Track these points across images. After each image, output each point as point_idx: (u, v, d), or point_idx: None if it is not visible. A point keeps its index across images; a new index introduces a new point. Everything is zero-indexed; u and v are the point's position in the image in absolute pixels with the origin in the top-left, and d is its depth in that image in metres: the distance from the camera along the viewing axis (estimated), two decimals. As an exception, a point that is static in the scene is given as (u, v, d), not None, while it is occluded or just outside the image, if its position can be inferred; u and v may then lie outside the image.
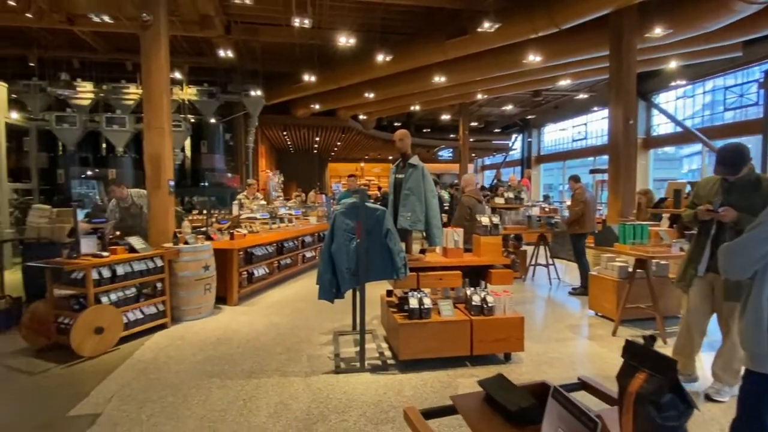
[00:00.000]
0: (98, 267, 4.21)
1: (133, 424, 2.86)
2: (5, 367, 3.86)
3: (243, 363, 3.90)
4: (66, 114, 10.61)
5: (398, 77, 11.25)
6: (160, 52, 5.40)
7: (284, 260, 7.45)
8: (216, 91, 11.64)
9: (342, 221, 3.68)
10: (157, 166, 5.42)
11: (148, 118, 5.42)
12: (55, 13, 8.48)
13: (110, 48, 10.99)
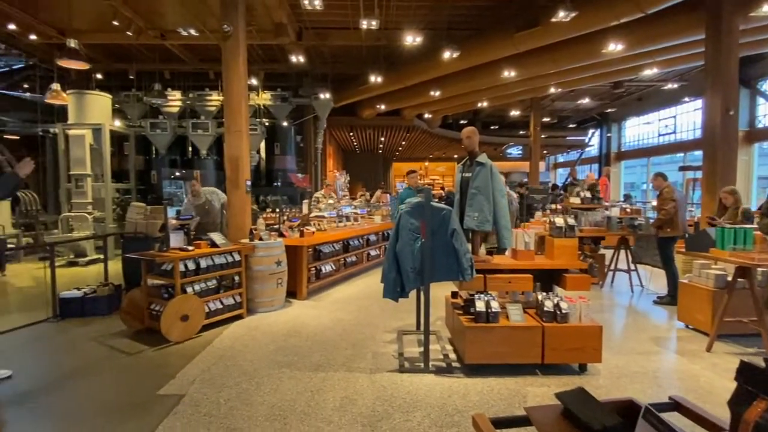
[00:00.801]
0: (185, 260, 4.60)
1: (213, 407, 3.08)
2: (108, 346, 4.35)
3: (311, 356, 4.04)
4: (158, 121, 11.75)
5: (465, 73, 11.02)
6: (238, 60, 5.77)
7: (350, 258, 7.62)
8: (288, 95, 12.21)
9: (407, 220, 3.67)
10: (236, 167, 5.81)
11: (228, 122, 5.82)
12: (150, 30, 9.43)
13: (196, 59, 11.99)
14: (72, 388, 3.45)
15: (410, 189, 6.34)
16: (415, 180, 6.58)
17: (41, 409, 3.11)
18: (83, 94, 10.07)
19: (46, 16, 9.06)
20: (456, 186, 4.07)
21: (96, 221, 9.57)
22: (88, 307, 5.35)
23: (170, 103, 11.90)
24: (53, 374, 3.76)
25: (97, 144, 9.89)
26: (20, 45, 10.75)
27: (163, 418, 2.92)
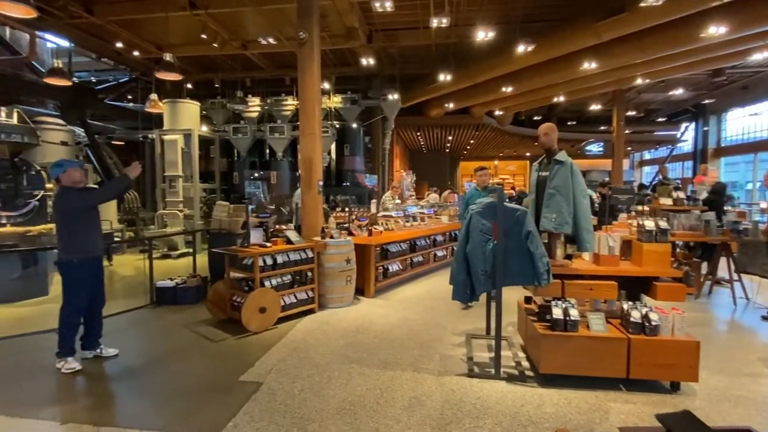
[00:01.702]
0: (263, 255, 4.89)
1: (288, 396, 3.24)
2: (196, 333, 4.75)
3: (379, 353, 4.09)
4: (240, 125, 12.62)
5: (540, 67, 10.49)
6: (313, 65, 6.00)
7: (416, 258, 7.61)
8: (358, 97, 12.49)
9: (478, 221, 3.57)
10: (309, 168, 6.06)
11: (302, 125, 6.08)
12: (234, 41, 10.15)
13: (273, 66, 12.70)
14: (166, 369, 3.82)
15: (478, 189, 5.89)
16: (484, 178, 5.96)
17: (142, 385, 3.48)
18: (176, 103, 11.10)
19: (146, 34, 10.14)
20: (531, 185, 3.88)
21: (186, 218, 10.52)
22: (179, 296, 5.89)
23: (250, 109, 12.73)
24: (151, 355, 4.19)
25: (187, 148, 10.85)
26: (125, 61, 12.14)
27: (243, 403, 3.12)
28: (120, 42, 10.34)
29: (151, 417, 2.96)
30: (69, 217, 3.81)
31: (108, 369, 3.83)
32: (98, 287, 4.01)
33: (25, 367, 3.82)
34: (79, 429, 2.82)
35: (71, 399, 3.29)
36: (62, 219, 3.83)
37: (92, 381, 3.61)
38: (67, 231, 3.81)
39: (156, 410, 3.06)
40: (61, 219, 3.83)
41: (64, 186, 3.85)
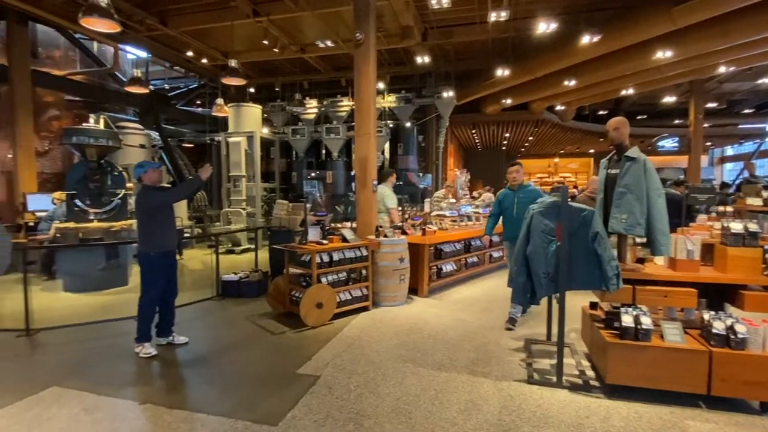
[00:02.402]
0: (320, 252, 5.02)
1: (344, 391, 3.29)
2: (257, 325, 4.98)
3: (433, 354, 4.05)
4: (298, 127, 13.07)
5: (606, 59, 9.87)
6: (369, 66, 6.06)
7: (471, 258, 7.45)
8: (412, 96, 12.47)
9: (539, 221, 3.42)
10: (364, 168, 6.13)
11: (358, 125, 6.17)
12: (293, 45, 10.52)
13: (330, 68, 13.02)
14: (231, 358, 4.03)
15: (511, 189, 5.02)
16: (516, 176, 4.95)
17: (209, 372, 3.70)
18: (240, 107, 11.71)
19: (213, 42, 10.78)
20: (599, 184, 3.65)
21: (248, 216, 11.07)
22: (242, 290, 6.21)
23: (308, 111, 13.14)
24: (217, 344, 4.44)
25: (250, 149, 11.41)
26: (195, 68, 12.99)
27: (301, 395, 3.22)
28: (190, 51, 11.08)
29: (217, 403, 3.14)
30: (149, 213, 4.14)
31: (179, 356, 4.12)
32: (171, 279, 4.32)
33: (108, 350, 4.20)
34: (155, 410, 3.05)
35: (147, 382, 3.57)
36: (143, 215, 4.18)
37: (165, 366, 3.89)
38: (147, 226, 4.15)
39: (221, 397, 3.24)
40: (143, 215, 4.18)
41: (146, 185, 4.19)
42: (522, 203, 4.71)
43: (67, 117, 11.36)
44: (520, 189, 4.99)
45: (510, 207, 4.98)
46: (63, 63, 11.38)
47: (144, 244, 4.14)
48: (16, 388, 3.32)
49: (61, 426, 2.83)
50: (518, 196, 4.94)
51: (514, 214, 4.89)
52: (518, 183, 5.00)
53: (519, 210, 4.75)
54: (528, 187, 5.04)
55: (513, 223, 4.81)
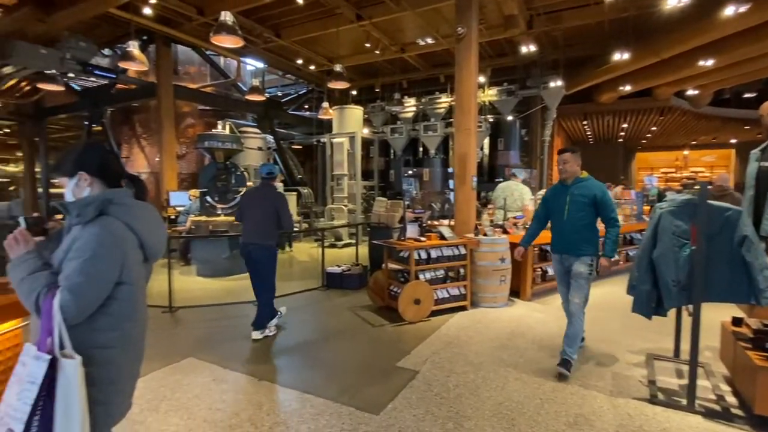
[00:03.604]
0: (418, 249, 5.05)
1: (443, 389, 3.27)
2: (358, 316, 5.19)
3: (538, 360, 3.82)
4: (396, 126, 13.32)
5: (755, 32, 8.30)
6: (470, 60, 5.92)
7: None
8: (515, 88, 11.88)
9: (670, 222, 3.01)
10: (463, 164, 6.01)
11: (458, 121, 6.06)
12: (393, 46, 10.72)
13: (428, 66, 13.00)
14: (334, 346, 4.27)
15: (563, 183, 3.81)
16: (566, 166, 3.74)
17: (315, 357, 3.96)
18: (343, 109, 12.31)
19: (320, 49, 11.48)
20: (748, 179, 3.08)
21: (349, 212, 11.62)
22: (344, 281, 6.53)
23: (406, 109, 13.31)
24: (322, 331, 4.74)
25: (351, 149, 11.95)
26: (304, 75, 13.97)
27: (401, 388, 3.28)
28: (300, 59, 11.95)
29: (323, 386, 3.34)
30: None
31: (290, 340, 4.48)
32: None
33: (233, 330, 4.74)
34: (270, 386, 3.36)
35: (263, 361, 3.95)
36: (282, 210, 4.51)
37: (278, 348, 4.26)
38: (277, 222, 4.52)
39: (327, 381, 3.45)
40: (284, 209, 4.52)
41: (272, 185, 4.65)
42: (577, 202, 3.64)
43: (200, 124, 13.08)
44: (576, 184, 3.73)
45: (560, 207, 3.76)
46: (197, 77, 13.13)
47: (274, 237, 4.53)
48: (161, 356, 3.92)
49: (196, 392, 3.26)
50: (572, 192, 3.70)
51: (565, 217, 3.70)
52: (572, 175, 3.75)
53: (573, 211, 3.66)
54: (586, 181, 3.73)
55: (564, 229, 3.72)
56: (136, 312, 1.63)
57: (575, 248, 3.62)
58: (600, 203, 3.59)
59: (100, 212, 1.53)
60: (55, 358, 1.38)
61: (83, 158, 1.62)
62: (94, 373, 1.48)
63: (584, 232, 3.61)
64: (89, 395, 1.44)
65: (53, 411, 1.36)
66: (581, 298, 3.60)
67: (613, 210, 3.61)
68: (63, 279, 1.44)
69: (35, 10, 7.48)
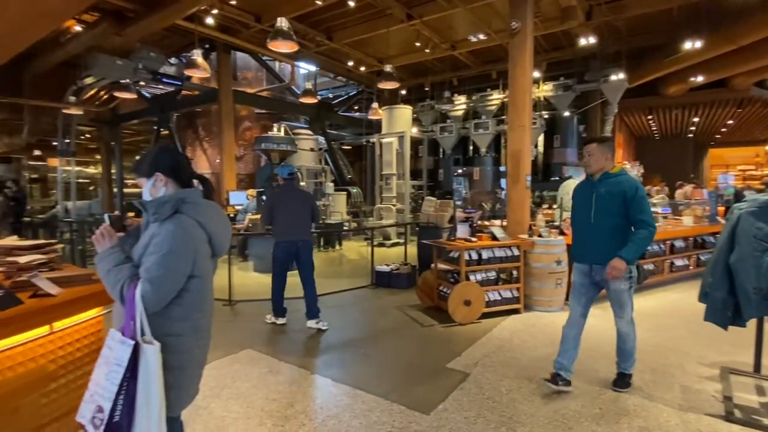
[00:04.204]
0: (469, 250, 4.97)
1: (495, 393, 3.20)
2: (407, 316, 5.20)
3: (597, 369, 3.63)
4: (446, 124, 13.20)
5: None
6: (525, 55, 5.74)
7: (646, 265, 6.42)
8: (572, 82, 11.37)
9: (750, 224, 2.75)
10: (517, 163, 5.84)
11: (511, 118, 5.90)
12: (443, 44, 10.62)
13: (480, 62, 12.75)
14: (384, 344, 4.31)
15: (590, 179, 3.23)
16: (590, 159, 3.15)
17: (365, 354, 4.02)
18: (392, 109, 12.37)
19: (370, 50, 11.61)
20: None
21: (397, 212, 11.66)
22: (393, 280, 6.57)
23: (456, 108, 13.15)
24: (372, 329, 4.80)
25: (400, 149, 11.98)
26: (354, 77, 14.21)
27: (451, 390, 3.25)
28: (351, 60, 12.16)
29: (373, 383, 3.38)
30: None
31: (340, 336, 4.58)
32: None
33: (286, 324, 4.91)
34: (323, 380, 3.46)
35: (315, 355, 4.06)
36: (316, 205, 4.97)
37: (329, 344, 4.36)
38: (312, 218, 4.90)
39: (377, 378, 3.49)
40: (316, 205, 4.97)
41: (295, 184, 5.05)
42: (604, 200, 3.05)
43: (256, 127, 13.68)
44: (604, 179, 3.11)
45: (585, 207, 3.16)
46: (254, 82, 13.74)
47: (310, 233, 4.88)
48: (222, 346, 4.15)
49: (253, 382, 3.43)
50: (598, 190, 3.10)
51: (592, 220, 3.11)
52: (598, 170, 3.13)
53: (599, 211, 3.07)
54: (616, 177, 3.09)
55: (590, 233, 3.14)
56: (205, 304, 1.74)
57: (608, 257, 2.98)
58: (629, 201, 2.97)
59: (175, 210, 1.65)
60: (137, 344, 1.50)
61: (159, 160, 1.76)
62: (168, 359, 1.59)
63: (617, 236, 3.02)
64: (164, 379, 1.56)
65: (136, 391, 1.48)
66: (627, 314, 3.18)
67: (643, 211, 2.98)
68: (143, 271, 1.57)
69: (112, 25, 8.19)
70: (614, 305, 3.18)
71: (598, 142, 3.15)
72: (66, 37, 9.26)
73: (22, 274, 2.54)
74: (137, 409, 1.49)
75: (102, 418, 1.47)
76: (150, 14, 7.77)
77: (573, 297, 3.30)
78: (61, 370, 2.33)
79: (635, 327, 3.27)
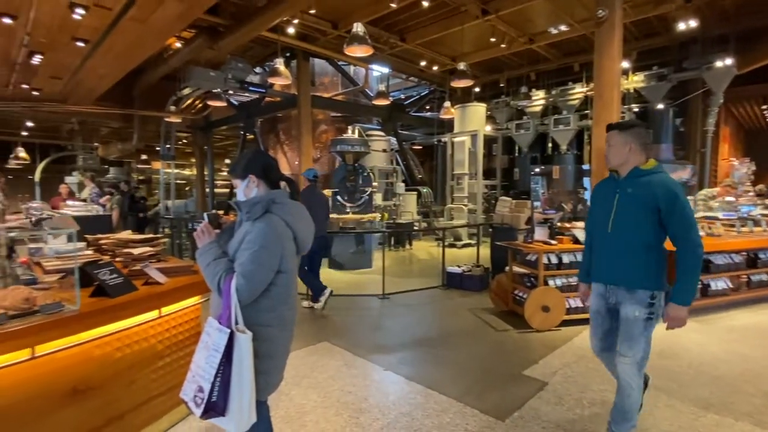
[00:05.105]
0: (548, 253, 4.74)
1: (575, 405, 3.02)
2: (480, 319, 5.09)
3: (695, 388, 3.27)
4: (522, 121, 12.66)
5: None
6: (613, 44, 5.33)
7: (757, 276, 5.65)
8: (667, 72, 10.32)
9: None
10: (602, 160, 5.43)
11: (597, 112, 5.52)
12: (521, 37, 10.20)
13: (560, 55, 12.05)
14: (456, 346, 4.25)
15: (613, 177, 2.47)
16: (613, 152, 2.36)
17: (438, 354, 4.01)
18: (465, 107, 12.17)
19: (443, 49, 11.49)
20: None
21: (469, 212, 11.43)
22: (465, 282, 6.46)
23: (534, 103, 12.57)
24: (443, 330, 4.76)
25: (473, 148, 11.74)
26: (426, 76, 14.15)
27: (528, 398, 3.12)
28: (423, 61, 12.14)
29: (446, 384, 3.36)
30: None
31: (411, 335, 4.61)
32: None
33: (360, 320, 5.07)
34: (395, 377, 3.51)
35: (388, 351, 4.12)
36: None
37: (402, 341, 4.41)
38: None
39: (450, 380, 3.46)
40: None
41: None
42: (630, 205, 2.30)
43: (331, 130, 14.21)
44: (632, 177, 2.31)
45: (604, 212, 2.40)
46: (330, 87, 14.29)
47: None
48: (302, 338, 4.37)
49: (330, 373, 3.57)
50: (624, 190, 2.32)
51: (609, 228, 2.37)
52: (621, 165, 2.34)
53: (622, 217, 2.33)
54: (649, 175, 2.28)
55: (608, 245, 2.40)
56: (290, 297, 1.87)
57: (625, 277, 2.31)
58: (667, 211, 2.17)
59: (265, 210, 1.78)
60: (232, 332, 1.65)
61: (252, 163, 1.91)
62: (258, 347, 1.72)
63: (639, 254, 2.27)
64: (254, 366, 1.70)
65: (230, 375, 1.63)
66: (635, 354, 2.35)
67: (689, 226, 2.17)
68: (238, 266, 1.72)
69: (207, 40, 9.00)
70: (622, 340, 2.38)
71: (620, 128, 2.37)
72: (168, 53, 10.36)
73: (136, 264, 2.90)
74: (231, 392, 1.63)
75: (202, 397, 1.64)
76: (239, 28, 8.41)
77: (593, 325, 2.58)
78: (167, 350, 2.63)
79: (645, 378, 2.53)
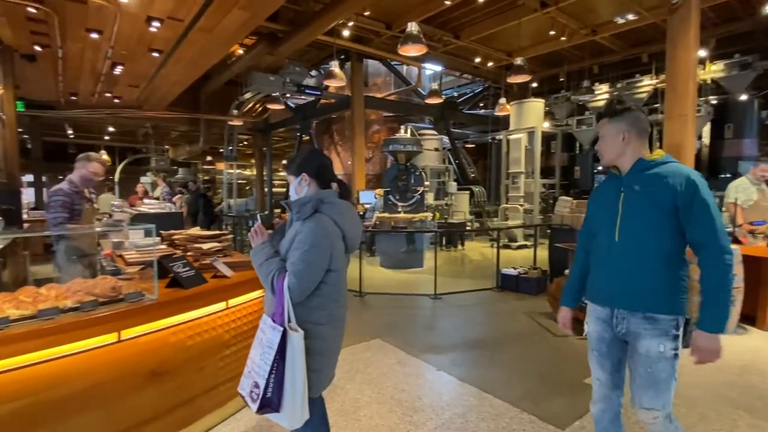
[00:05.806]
0: (612, 256, 4.46)
1: (644, 419, 2.83)
2: (537, 323, 4.91)
3: None
4: (584, 117, 12.03)
5: None
6: (688, 32, 4.92)
7: None
8: (751, 59, 9.36)
9: None
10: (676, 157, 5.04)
11: (669, 106, 5.12)
12: (582, 29, 9.70)
13: (625, 46, 11.32)
14: (512, 349, 4.14)
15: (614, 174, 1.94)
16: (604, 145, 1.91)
17: (493, 357, 3.92)
18: (522, 104, 11.76)
19: (499, 44, 11.19)
20: None
21: (525, 212, 11.04)
22: (520, 285, 6.26)
23: (596, 98, 11.90)
24: (498, 333, 4.65)
25: (530, 145, 11.33)
26: (480, 73, 13.86)
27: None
28: (477, 57, 11.90)
29: (502, 388, 3.28)
30: None
31: (465, 336, 4.54)
32: None
33: (412, 319, 5.08)
34: (449, 378, 3.47)
35: (441, 351, 4.09)
36: None
37: (455, 342, 4.36)
38: None
39: (506, 384, 3.37)
40: None
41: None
42: (639, 205, 1.79)
43: (384, 130, 14.33)
44: (637, 171, 1.82)
45: (608, 216, 1.89)
46: (382, 87, 14.41)
47: None
48: (355, 333, 4.46)
49: (383, 370, 3.61)
50: (629, 188, 1.83)
51: (616, 236, 1.84)
52: (616, 159, 1.88)
53: (630, 221, 1.81)
54: (661, 165, 1.80)
55: (609, 256, 1.88)
56: (340, 295, 1.90)
57: (641, 299, 1.81)
58: (683, 206, 1.70)
59: (315, 210, 1.83)
60: (285, 330, 1.71)
61: (306, 162, 1.97)
62: (309, 344, 1.76)
63: (655, 266, 1.78)
64: (306, 363, 1.75)
65: (284, 372, 1.69)
66: (666, 406, 1.87)
67: (715, 228, 1.67)
68: (289, 265, 1.76)
69: (266, 46, 9.42)
70: (645, 387, 1.87)
71: (610, 115, 1.87)
72: (231, 59, 10.96)
73: (206, 258, 3.10)
74: (285, 388, 1.68)
75: (258, 393, 1.70)
76: (297, 33, 8.72)
77: (592, 359, 2.08)
78: (233, 340, 2.78)
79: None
